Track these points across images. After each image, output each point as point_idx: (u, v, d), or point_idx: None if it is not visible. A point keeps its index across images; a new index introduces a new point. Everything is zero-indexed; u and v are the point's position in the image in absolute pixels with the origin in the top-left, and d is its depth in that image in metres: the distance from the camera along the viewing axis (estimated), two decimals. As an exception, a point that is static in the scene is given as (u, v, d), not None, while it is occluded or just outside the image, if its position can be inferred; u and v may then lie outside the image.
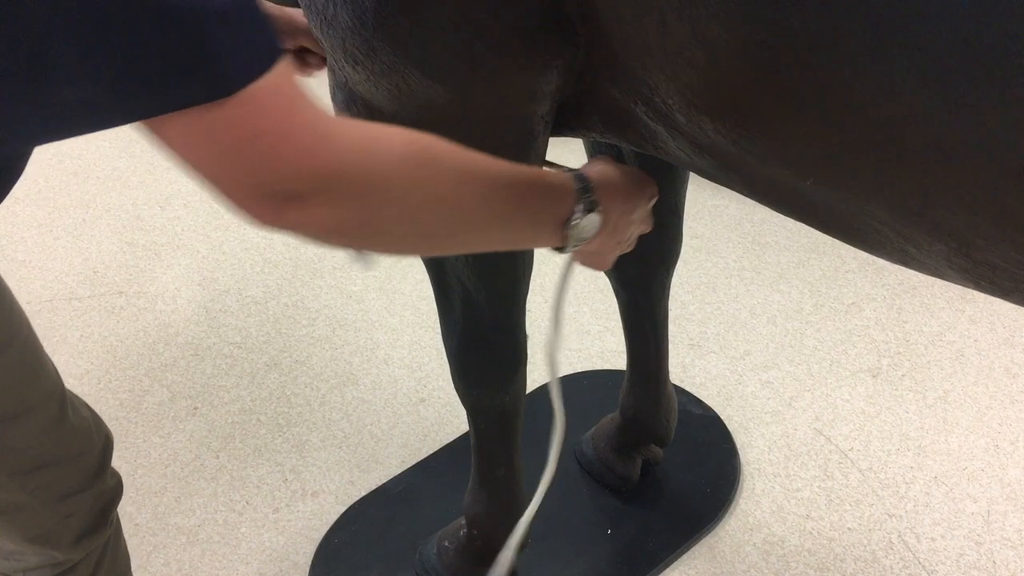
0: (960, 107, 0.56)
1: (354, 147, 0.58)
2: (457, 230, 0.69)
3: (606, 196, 0.83)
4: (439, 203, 0.65)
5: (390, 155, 0.61)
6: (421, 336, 2.10)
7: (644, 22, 0.71)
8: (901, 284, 2.23)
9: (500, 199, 0.71)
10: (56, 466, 1.02)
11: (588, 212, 0.80)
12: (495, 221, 0.72)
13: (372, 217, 0.61)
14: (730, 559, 1.61)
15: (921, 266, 0.75)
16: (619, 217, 0.87)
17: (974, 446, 1.82)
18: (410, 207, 0.63)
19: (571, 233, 0.79)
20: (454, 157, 0.67)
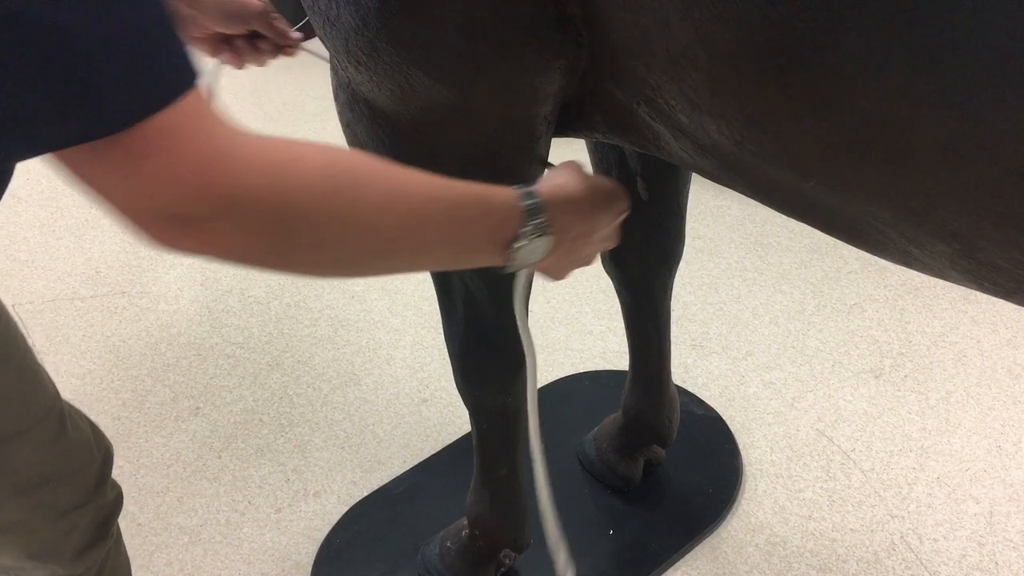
0: (963, 108, 0.56)
1: (264, 171, 0.55)
2: (381, 256, 0.65)
3: (561, 216, 0.77)
4: (359, 230, 0.61)
5: (303, 179, 0.57)
6: (423, 336, 2.10)
7: (647, 23, 0.71)
8: (903, 285, 2.23)
9: (433, 224, 0.66)
10: (56, 483, 1.01)
11: (536, 236, 0.74)
12: (426, 246, 0.68)
13: (281, 243, 0.58)
14: (732, 560, 1.61)
15: (924, 267, 0.75)
16: (575, 239, 0.81)
17: (976, 447, 1.82)
18: (326, 234, 0.60)
19: (515, 256, 0.74)
20: (380, 180, 0.63)
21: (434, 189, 0.67)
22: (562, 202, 0.78)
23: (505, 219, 0.73)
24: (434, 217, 0.66)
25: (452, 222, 0.68)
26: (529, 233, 0.74)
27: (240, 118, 2.48)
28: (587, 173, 0.86)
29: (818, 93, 0.62)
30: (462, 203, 0.69)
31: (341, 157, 0.61)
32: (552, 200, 0.76)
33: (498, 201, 0.72)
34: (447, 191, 0.68)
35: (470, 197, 0.70)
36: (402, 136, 0.93)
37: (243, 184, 0.54)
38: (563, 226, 0.77)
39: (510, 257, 0.73)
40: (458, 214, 0.68)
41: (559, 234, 0.77)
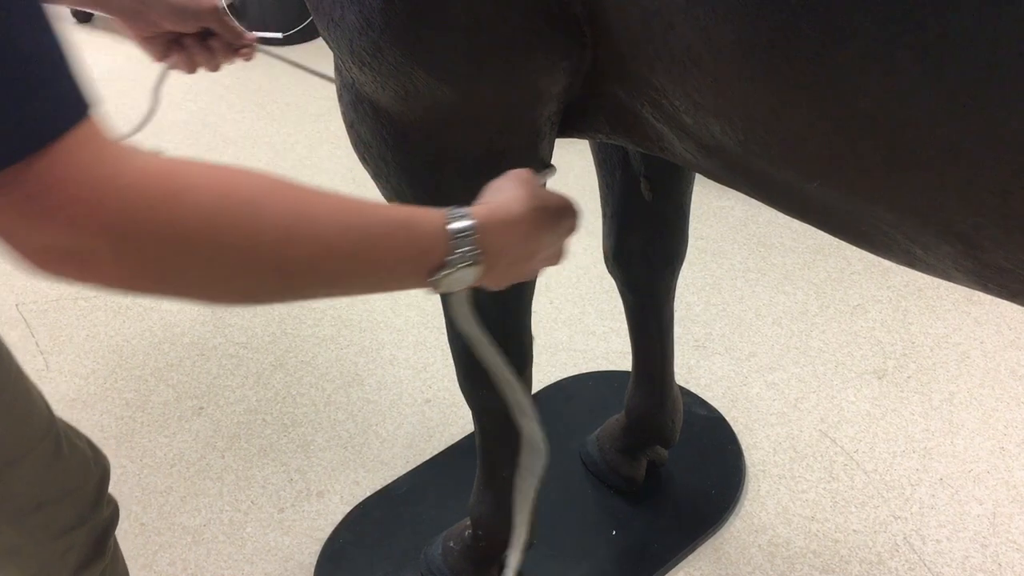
0: (968, 108, 0.56)
1: (150, 202, 0.52)
2: (288, 289, 0.62)
3: (496, 241, 0.72)
4: (259, 263, 0.58)
5: (195, 211, 0.54)
6: (426, 336, 2.10)
7: (651, 24, 0.71)
8: (907, 286, 2.23)
9: (345, 254, 0.62)
10: (53, 504, 1.00)
11: (465, 265, 0.70)
12: (340, 277, 0.64)
13: (170, 277, 0.56)
14: (735, 560, 1.61)
15: (928, 268, 0.75)
16: (512, 263, 0.77)
17: (980, 448, 1.81)
18: (221, 268, 0.57)
19: (440, 284, 0.69)
20: (285, 210, 0.59)
21: (349, 217, 0.62)
22: (498, 225, 0.73)
23: (431, 246, 0.68)
24: (347, 248, 0.62)
25: (369, 251, 0.64)
26: (456, 261, 0.69)
27: (243, 119, 2.49)
28: (536, 187, 0.81)
29: (822, 93, 0.62)
30: (382, 231, 0.64)
31: (242, 185, 0.57)
32: (486, 224, 0.71)
33: (424, 227, 0.68)
34: (366, 218, 0.63)
35: (392, 223, 0.65)
36: (406, 137, 0.93)
37: (126, 215, 0.52)
38: (497, 252, 0.73)
39: (436, 284, 0.69)
40: (377, 243, 0.64)
41: (491, 260, 0.72)
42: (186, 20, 1.04)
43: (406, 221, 0.67)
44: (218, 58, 1.10)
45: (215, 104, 3.02)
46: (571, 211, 0.84)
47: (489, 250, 0.71)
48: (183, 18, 1.04)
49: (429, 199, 1.00)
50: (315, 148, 2.81)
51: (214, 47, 1.08)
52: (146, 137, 2.86)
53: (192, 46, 1.08)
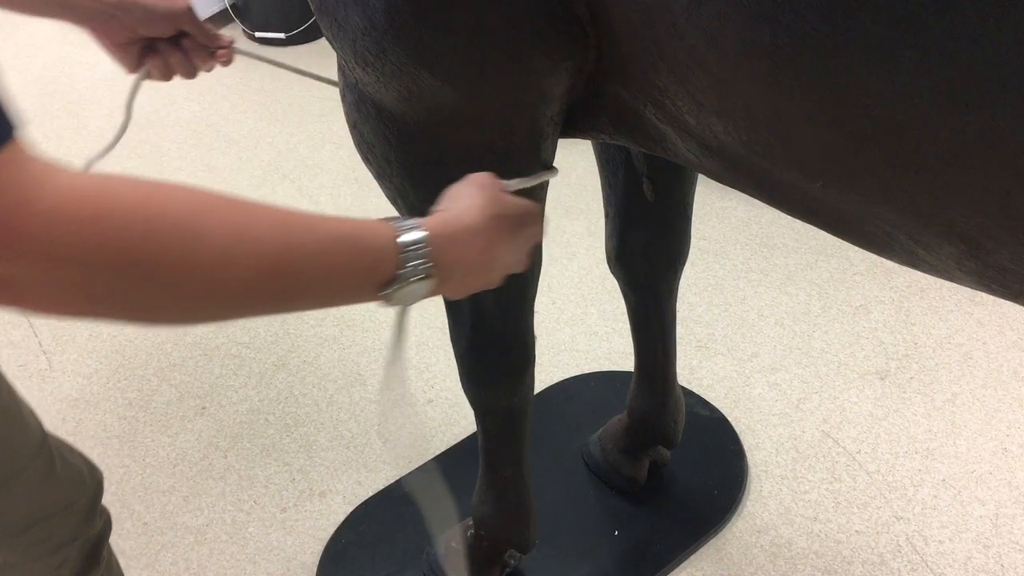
0: (971, 109, 0.56)
1: (76, 227, 0.50)
2: (228, 309, 0.59)
3: (450, 253, 0.70)
4: (193, 286, 0.55)
5: (122, 233, 0.51)
6: (429, 337, 2.10)
7: (654, 24, 0.71)
8: (909, 287, 2.23)
9: (286, 274, 0.60)
10: (47, 522, 0.99)
11: (416, 279, 0.67)
12: (283, 295, 0.61)
13: (97, 301, 0.53)
14: (737, 561, 1.61)
15: (931, 268, 0.75)
16: (469, 274, 0.74)
17: (982, 449, 1.81)
18: (153, 292, 0.54)
19: (391, 299, 0.67)
20: (225, 229, 0.56)
21: (293, 234, 0.60)
22: (452, 237, 0.71)
23: (380, 260, 0.65)
24: (290, 266, 0.59)
25: (315, 268, 0.61)
26: (407, 275, 0.67)
27: (246, 119, 2.49)
28: (496, 193, 0.78)
29: (826, 94, 0.62)
30: (328, 247, 0.62)
31: (176, 204, 0.54)
32: (438, 236, 0.69)
33: (373, 240, 0.65)
34: (311, 234, 0.61)
35: (339, 238, 0.63)
36: (409, 137, 0.93)
37: (47, 240, 0.49)
38: (451, 264, 0.70)
39: (387, 298, 0.67)
40: (323, 259, 0.62)
41: (444, 273, 0.69)
42: (161, 23, 1.00)
43: (354, 235, 0.64)
44: (194, 62, 1.06)
45: (218, 104, 3.02)
46: (532, 217, 0.81)
47: (442, 263, 0.69)
48: (159, 22, 1.00)
49: (432, 199, 1.00)
50: (317, 148, 2.81)
51: (190, 51, 1.04)
52: (149, 137, 2.87)
53: (167, 51, 1.03)
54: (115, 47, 1.01)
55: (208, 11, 3.40)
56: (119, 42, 1.01)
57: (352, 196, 2.60)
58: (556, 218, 2.47)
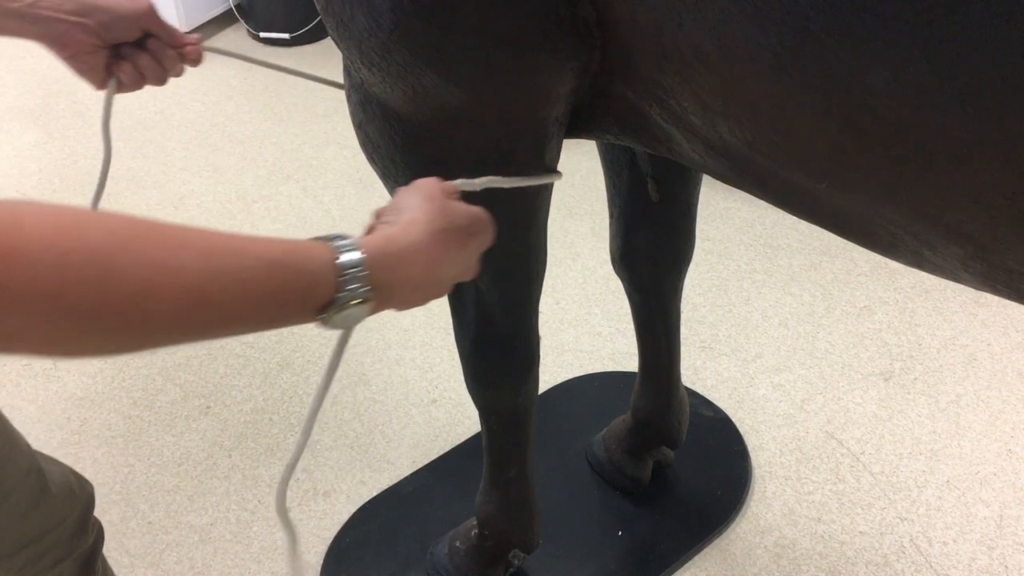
0: (978, 109, 0.56)
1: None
2: (150, 341, 0.57)
3: (392, 274, 0.67)
4: (115, 320, 0.53)
5: (35, 269, 0.49)
6: (433, 337, 2.11)
7: (660, 24, 0.71)
8: (913, 288, 2.23)
9: (214, 303, 0.57)
10: (39, 541, 0.98)
11: (355, 303, 0.65)
12: (210, 325, 0.58)
13: (9, 338, 0.51)
14: (741, 562, 1.61)
15: (936, 269, 0.75)
16: (414, 290, 0.71)
17: (987, 450, 1.81)
18: (69, 326, 0.52)
19: (330, 320, 0.65)
20: (145, 259, 0.53)
21: (221, 261, 0.57)
22: (393, 258, 0.67)
23: (314, 285, 0.63)
24: (218, 295, 0.57)
25: (245, 295, 0.59)
26: (345, 299, 0.64)
27: (250, 119, 2.49)
28: (443, 203, 0.74)
29: (831, 94, 0.63)
30: (259, 272, 0.59)
31: (91, 235, 0.52)
32: (378, 258, 0.66)
33: (308, 264, 0.62)
34: (240, 260, 0.58)
35: (271, 263, 0.60)
36: (414, 137, 0.94)
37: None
38: (391, 285, 0.67)
39: (326, 322, 0.65)
40: (253, 286, 0.59)
41: (385, 295, 0.67)
42: (126, 26, 0.96)
43: (287, 258, 0.61)
44: (165, 65, 1.00)
45: (222, 104, 3.03)
46: (482, 225, 0.78)
47: (381, 285, 0.66)
48: (122, 24, 0.96)
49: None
50: (322, 148, 2.82)
51: (158, 54, 0.99)
52: (154, 137, 2.88)
53: (134, 56, 0.98)
54: (79, 59, 0.96)
55: (212, 12, 3.41)
56: (83, 51, 0.95)
57: (356, 196, 2.60)
58: (560, 219, 2.47)
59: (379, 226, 0.72)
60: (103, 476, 1.78)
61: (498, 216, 1.02)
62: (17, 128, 2.90)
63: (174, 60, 1.00)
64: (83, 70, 0.97)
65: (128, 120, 2.92)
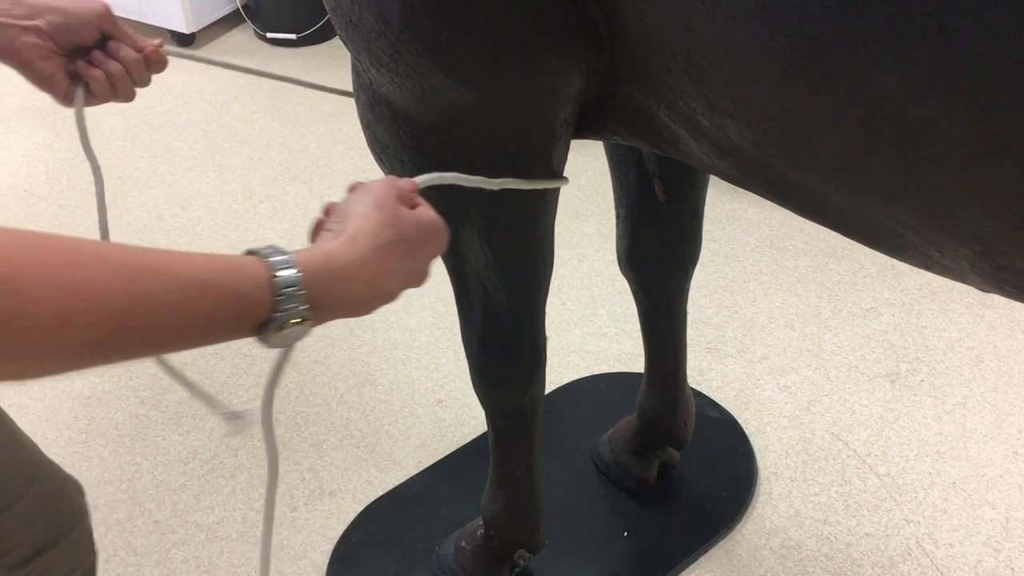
0: (988, 111, 0.56)
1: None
2: (70, 366, 0.54)
3: (332, 291, 0.64)
4: (27, 348, 0.50)
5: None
6: (439, 337, 2.11)
7: (668, 25, 0.71)
8: (920, 289, 2.22)
9: (138, 328, 0.54)
10: (53, 548, 0.95)
11: (293, 323, 0.62)
12: (134, 349, 0.55)
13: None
14: (747, 563, 1.61)
15: (944, 270, 0.75)
16: (359, 303, 0.68)
17: (993, 452, 1.81)
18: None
19: (269, 340, 0.62)
20: (61, 284, 0.50)
21: (146, 284, 0.54)
22: (334, 275, 0.64)
23: (249, 307, 0.60)
24: (142, 319, 0.54)
25: (172, 319, 0.56)
26: (282, 320, 0.61)
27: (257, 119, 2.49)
28: (394, 210, 0.70)
29: (840, 95, 0.63)
30: (188, 294, 0.56)
31: (19, 253, 0.49)
32: (318, 275, 0.63)
33: (239, 284, 0.59)
34: (166, 282, 0.55)
35: (201, 283, 0.57)
36: (423, 137, 0.94)
37: None
38: (332, 303, 0.65)
39: (265, 341, 0.62)
40: (181, 308, 0.56)
41: (324, 313, 0.64)
42: (81, 26, 0.90)
43: (219, 279, 0.58)
44: (130, 68, 0.93)
45: (229, 104, 3.03)
46: (433, 234, 0.74)
47: (320, 304, 0.63)
48: (77, 25, 0.90)
49: (445, 199, 1.01)
50: (328, 149, 2.82)
51: (122, 58, 0.93)
52: (161, 138, 2.88)
53: (101, 61, 0.92)
54: (34, 67, 0.90)
55: (219, 12, 3.41)
56: (38, 58, 0.89)
57: (363, 196, 2.60)
58: (566, 219, 2.47)
59: (323, 233, 0.70)
60: (110, 475, 1.79)
61: (506, 217, 1.03)
62: (25, 128, 2.91)
63: (139, 65, 0.94)
64: (41, 80, 0.91)
65: (135, 120, 2.93)
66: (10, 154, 2.80)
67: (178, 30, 3.23)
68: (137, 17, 3.29)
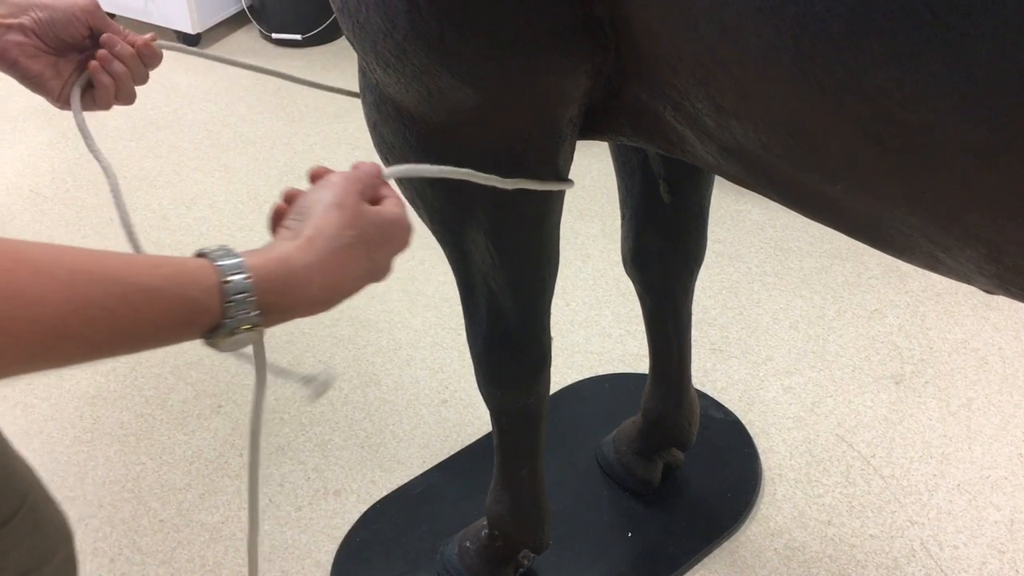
0: (994, 113, 0.56)
1: None
2: (8, 371, 0.51)
3: (285, 297, 0.62)
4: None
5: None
6: (443, 337, 2.11)
7: (674, 25, 0.72)
8: (924, 291, 2.22)
9: (78, 336, 0.52)
10: (39, 570, 0.91)
11: (244, 329, 0.60)
12: (74, 356, 0.53)
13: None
14: (751, 564, 1.61)
15: (950, 271, 0.76)
16: (315, 304, 0.66)
17: (998, 454, 1.81)
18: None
19: (218, 345, 0.61)
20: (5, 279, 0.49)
21: (87, 290, 0.52)
22: (287, 281, 0.62)
23: (196, 313, 0.58)
24: (82, 328, 0.52)
25: (114, 325, 0.54)
26: (231, 326, 0.59)
27: (262, 120, 2.49)
28: (354, 213, 0.68)
29: (847, 96, 0.63)
30: (132, 300, 0.54)
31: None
32: (269, 281, 0.61)
33: (188, 290, 0.57)
34: (107, 287, 0.53)
35: (145, 289, 0.55)
36: (429, 138, 0.94)
37: None
38: (284, 308, 0.63)
39: (214, 346, 0.61)
40: (124, 315, 0.54)
41: (276, 318, 0.62)
42: (70, 22, 0.87)
43: (166, 284, 0.56)
44: (128, 65, 0.91)
45: (234, 104, 3.04)
46: (396, 232, 0.72)
47: (272, 310, 0.61)
48: (66, 20, 0.87)
49: (451, 200, 1.01)
50: (334, 149, 2.83)
51: (117, 52, 0.90)
52: (166, 138, 2.89)
53: (102, 58, 0.90)
54: (22, 67, 0.86)
55: (224, 13, 3.42)
56: (24, 57, 0.86)
57: (367, 197, 2.61)
58: (571, 220, 2.47)
59: (281, 231, 0.67)
60: (115, 474, 1.79)
61: (512, 218, 1.03)
62: (31, 128, 2.92)
63: (135, 61, 0.91)
64: (29, 80, 0.88)
65: (140, 120, 2.93)
66: (16, 154, 2.81)
67: (183, 30, 3.24)
68: (142, 17, 3.29)
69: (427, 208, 1.05)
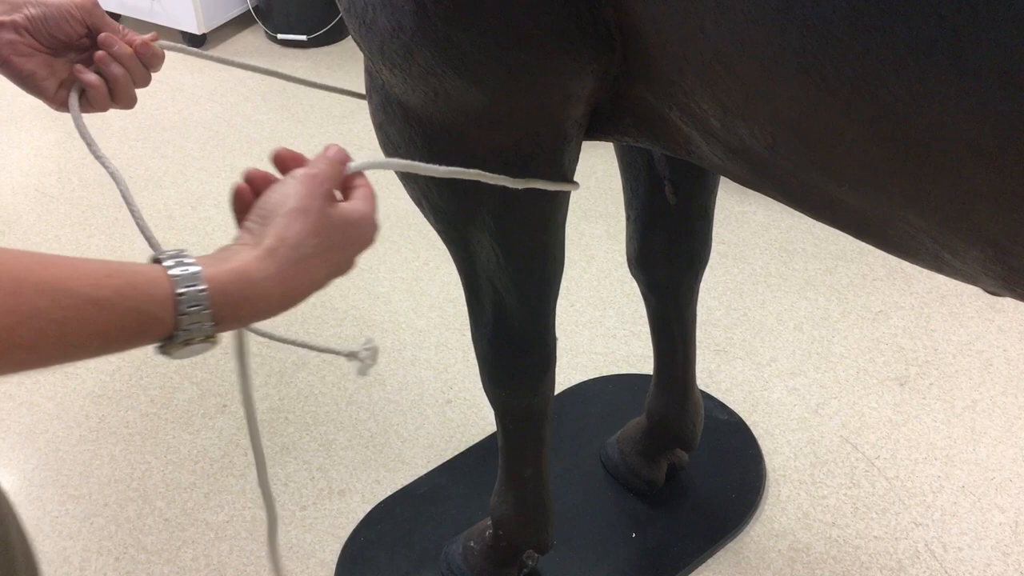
0: (1001, 113, 0.56)
1: None
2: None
3: (241, 309, 0.61)
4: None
5: None
6: (448, 338, 2.11)
7: (681, 26, 0.72)
8: (929, 292, 2.22)
9: (27, 345, 0.51)
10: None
11: (198, 339, 0.60)
12: (25, 363, 0.53)
13: None
14: (755, 565, 1.61)
15: (955, 272, 0.75)
16: (267, 314, 0.64)
17: (1002, 456, 1.80)
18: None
19: (172, 354, 0.61)
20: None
21: (34, 299, 0.51)
22: (244, 294, 0.61)
23: (148, 324, 0.57)
24: (31, 337, 0.51)
25: (64, 335, 0.53)
26: (183, 337, 0.59)
27: (267, 120, 2.50)
28: (319, 216, 0.65)
29: (853, 97, 0.63)
30: (76, 312, 0.53)
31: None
32: (225, 294, 0.59)
33: (140, 301, 0.56)
34: (54, 297, 0.52)
35: (95, 300, 0.54)
36: (435, 138, 0.94)
37: None
38: (240, 319, 0.62)
39: (168, 354, 0.61)
40: (71, 325, 0.53)
41: (230, 326, 0.61)
42: (65, 19, 0.85)
43: (117, 296, 0.55)
44: (127, 66, 0.88)
45: (240, 105, 3.04)
46: (362, 229, 0.70)
47: (227, 320, 0.60)
48: (61, 17, 0.85)
49: (457, 200, 1.01)
50: (338, 150, 2.83)
51: (115, 52, 0.87)
52: (172, 138, 2.89)
53: (100, 60, 0.87)
54: (14, 66, 0.84)
55: (230, 13, 3.43)
56: (17, 55, 0.83)
57: (372, 197, 2.61)
58: (575, 221, 2.47)
59: (242, 233, 0.65)
60: (120, 473, 1.80)
61: (517, 218, 1.03)
62: (37, 128, 2.92)
63: (134, 62, 0.88)
64: (23, 80, 0.85)
65: (146, 121, 2.94)
66: (22, 154, 2.81)
67: (189, 31, 3.25)
68: (148, 18, 3.30)
69: (432, 208, 1.05)
